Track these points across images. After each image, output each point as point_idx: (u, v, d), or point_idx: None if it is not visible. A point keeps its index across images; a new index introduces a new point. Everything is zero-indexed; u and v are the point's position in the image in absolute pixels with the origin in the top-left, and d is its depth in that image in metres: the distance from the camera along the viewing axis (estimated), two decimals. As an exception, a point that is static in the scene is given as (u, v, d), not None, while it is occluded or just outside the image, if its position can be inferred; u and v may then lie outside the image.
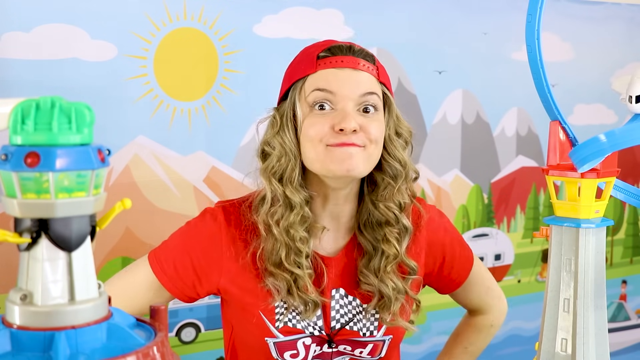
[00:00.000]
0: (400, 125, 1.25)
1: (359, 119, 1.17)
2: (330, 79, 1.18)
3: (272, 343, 1.24)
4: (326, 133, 1.17)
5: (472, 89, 2.19)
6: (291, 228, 1.20)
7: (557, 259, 1.12)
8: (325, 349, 1.26)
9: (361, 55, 1.22)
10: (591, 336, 1.10)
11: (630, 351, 2.64)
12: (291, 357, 1.25)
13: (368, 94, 1.19)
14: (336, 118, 1.17)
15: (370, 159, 1.20)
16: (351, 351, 1.28)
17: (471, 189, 2.26)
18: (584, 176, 1.10)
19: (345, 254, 1.28)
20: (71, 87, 1.61)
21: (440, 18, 2.09)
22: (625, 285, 2.64)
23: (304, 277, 1.20)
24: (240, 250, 1.24)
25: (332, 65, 1.19)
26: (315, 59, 1.20)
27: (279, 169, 1.20)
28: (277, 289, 1.21)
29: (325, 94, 1.18)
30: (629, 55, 2.41)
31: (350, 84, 1.18)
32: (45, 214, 0.61)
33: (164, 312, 0.70)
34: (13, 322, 0.62)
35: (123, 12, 1.67)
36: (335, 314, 1.26)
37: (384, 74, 1.25)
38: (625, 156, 1.32)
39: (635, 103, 1.10)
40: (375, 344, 1.28)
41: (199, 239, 1.26)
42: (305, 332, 1.24)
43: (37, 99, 0.62)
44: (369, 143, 1.18)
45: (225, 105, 1.80)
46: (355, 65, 1.19)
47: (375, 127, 1.19)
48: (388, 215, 1.24)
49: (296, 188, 1.20)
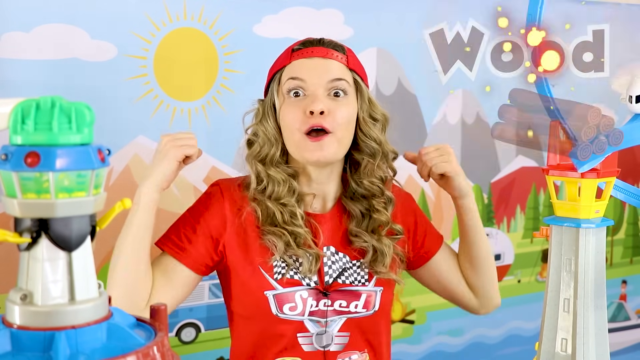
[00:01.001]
0: (375, 110, 1.37)
1: (328, 103, 1.30)
2: (302, 67, 1.32)
3: (271, 296, 1.31)
4: (300, 118, 1.30)
5: (472, 89, 2.19)
6: (282, 199, 1.32)
7: (557, 259, 1.12)
8: (321, 307, 1.33)
9: (330, 45, 1.36)
10: (591, 336, 1.10)
11: (630, 351, 2.64)
12: (290, 310, 1.32)
13: (336, 79, 1.31)
14: (306, 104, 1.29)
15: (342, 142, 1.32)
16: (346, 307, 1.35)
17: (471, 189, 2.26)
18: (584, 176, 1.10)
19: (332, 215, 1.40)
20: (71, 87, 1.61)
21: (441, 18, 2.09)
22: (625, 285, 2.64)
23: (303, 233, 1.31)
24: (239, 208, 1.35)
25: (304, 55, 1.33)
26: (290, 52, 1.35)
27: (261, 153, 1.34)
28: (275, 246, 1.31)
29: (298, 82, 1.31)
30: (629, 55, 2.41)
31: (319, 71, 1.32)
32: (45, 213, 0.61)
33: (164, 312, 0.70)
34: (13, 322, 0.62)
35: (123, 12, 1.67)
36: (328, 269, 1.35)
37: (355, 61, 1.38)
38: (625, 156, 1.31)
39: (635, 103, 1.10)
40: (368, 294, 1.36)
41: (203, 205, 1.37)
42: (302, 284, 1.32)
43: (37, 99, 0.62)
44: (337, 127, 1.30)
45: (225, 105, 1.80)
46: (324, 54, 1.33)
47: (344, 110, 1.31)
48: (373, 189, 1.37)
49: (277, 166, 1.34)
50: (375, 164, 1.36)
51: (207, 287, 1.85)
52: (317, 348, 1.33)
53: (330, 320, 1.34)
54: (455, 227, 2.25)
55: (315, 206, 1.40)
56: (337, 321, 1.34)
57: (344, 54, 1.36)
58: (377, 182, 1.37)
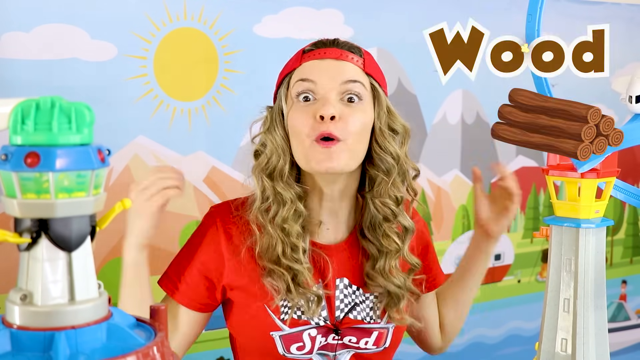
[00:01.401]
0: (394, 120, 1.24)
1: (340, 108, 1.17)
2: (313, 69, 1.19)
3: (277, 337, 1.24)
4: (309, 124, 1.17)
5: (472, 89, 2.19)
6: (285, 223, 1.20)
7: (557, 259, 1.12)
8: (330, 340, 1.26)
9: (345, 47, 1.23)
10: (591, 336, 1.10)
11: (630, 351, 2.64)
12: (297, 350, 1.24)
13: (350, 81, 1.18)
14: (317, 106, 1.17)
15: (354, 153, 1.19)
16: (356, 342, 1.27)
17: (471, 189, 2.26)
18: (584, 176, 1.10)
19: (347, 245, 1.28)
20: (71, 87, 1.61)
21: (440, 18, 2.09)
22: (625, 285, 2.64)
23: (303, 271, 1.20)
24: (239, 247, 1.24)
25: (315, 57, 1.21)
26: (301, 54, 1.23)
27: (269, 165, 1.21)
28: (276, 289, 1.21)
29: (308, 84, 1.19)
30: (629, 55, 2.41)
31: (332, 72, 1.19)
32: (45, 214, 0.61)
33: (164, 312, 0.70)
34: (13, 322, 0.62)
35: (123, 12, 1.67)
36: (340, 303, 1.26)
37: (372, 65, 1.25)
38: (625, 156, 1.32)
39: (635, 103, 1.10)
40: (379, 332, 1.28)
41: (201, 244, 1.27)
42: (311, 323, 1.24)
43: (37, 99, 0.62)
44: (349, 136, 1.17)
45: (225, 105, 1.80)
46: (338, 56, 1.20)
47: (357, 118, 1.18)
48: (385, 212, 1.23)
49: (287, 183, 1.20)
50: (390, 182, 1.21)
51: (207, 287, 1.85)
52: None
53: (339, 353, 1.28)
54: (455, 227, 2.25)
55: (328, 234, 1.28)
56: (345, 355, 1.28)
57: (361, 56, 1.23)
58: (390, 204, 1.22)
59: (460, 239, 2.24)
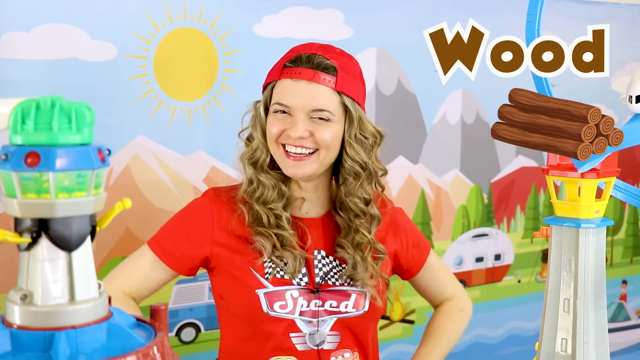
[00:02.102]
0: (363, 130, 1.36)
1: (309, 126, 1.32)
2: (288, 91, 1.33)
3: (262, 294, 1.34)
4: (281, 133, 1.33)
5: (472, 89, 2.19)
6: (269, 204, 1.36)
7: (557, 259, 1.12)
8: (312, 307, 1.36)
9: (320, 67, 1.33)
10: (591, 336, 1.10)
11: (630, 351, 2.64)
12: (280, 308, 1.34)
13: (317, 110, 1.32)
14: (289, 124, 1.33)
15: (323, 161, 1.35)
16: (337, 306, 1.37)
17: (471, 189, 2.26)
18: (584, 176, 1.10)
19: (323, 221, 1.43)
20: (71, 87, 1.61)
21: (440, 18, 2.09)
22: (625, 285, 2.64)
23: (288, 236, 1.35)
24: (228, 217, 1.38)
25: (292, 75, 1.33)
26: (282, 67, 1.35)
27: (254, 156, 1.38)
28: (264, 247, 1.34)
29: (283, 107, 1.33)
30: (629, 55, 2.41)
31: (304, 97, 1.32)
32: (45, 213, 0.61)
33: (164, 312, 0.70)
34: (13, 322, 0.62)
35: (123, 12, 1.67)
36: (319, 271, 1.38)
37: (347, 82, 1.35)
38: (625, 156, 1.32)
39: (635, 103, 1.10)
40: (357, 294, 1.39)
41: (192, 214, 1.40)
42: (293, 283, 1.35)
43: (37, 99, 0.62)
44: (320, 147, 1.33)
45: (225, 105, 1.80)
46: (310, 78, 1.32)
47: (325, 133, 1.32)
48: (355, 208, 1.38)
49: (267, 172, 1.37)
50: (357, 185, 1.37)
51: (207, 287, 1.85)
52: (311, 347, 1.36)
53: (322, 320, 1.37)
54: (455, 227, 2.25)
55: (308, 210, 1.43)
56: (328, 321, 1.37)
57: (334, 75, 1.33)
58: (359, 203, 1.38)
59: (460, 239, 2.25)
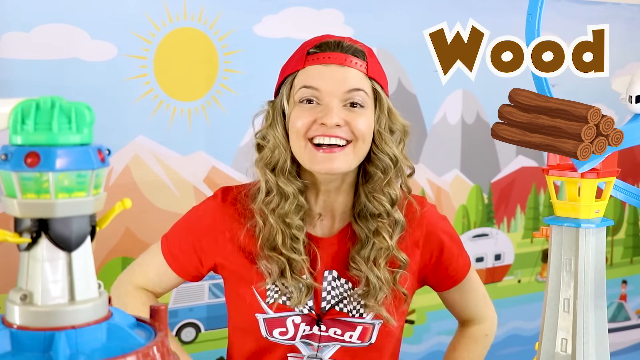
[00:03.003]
0: (394, 121, 1.27)
1: (344, 114, 1.20)
2: (316, 75, 1.21)
3: (261, 319, 1.27)
4: (310, 126, 1.20)
5: (472, 89, 2.19)
6: (287, 217, 1.24)
7: (557, 259, 1.12)
8: (315, 331, 1.28)
9: (349, 51, 1.23)
10: (591, 336, 1.10)
11: (630, 351, 2.64)
12: (280, 334, 1.27)
13: (353, 90, 1.21)
14: (320, 112, 1.20)
15: (357, 154, 1.23)
16: (341, 335, 1.28)
17: (471, 189, 2.26)
18: (584, 176, 1.10)
19: (339, 238, 1.30)
20: (71, 87, 1.61)
21: (440, 18, 2.09)
22: (625, 285, 2.64)
23: (300, 261, 1.24)
24: (236, 230, 1.29)
25: (319, 61, 1.22)
26: (305, 55, 1.24)
27: (272, 160, 1.24)
28: (269, 272, 1.25)
29: (312, 91, 1.21)
30: (629, 55, 2.41)
31: (336, 80, 1.21)
32: (45, 214, 0.61)
33: (164, 312, 0.70)
34: (13, 322, 0.62)
35: (123, 12, 1.67)
36: (327, 295, 1.28)
37: (376, 69, 1.26)
38: (625, 156, 1.32)
39: (635, 103, 1.10)
40: (364, 327, 1.29)
41: (200, 220, 1.33)
42: (295, 310, 1.27)
43: (37, 99, 0.62)
44: (355, 139, 1.21)
45: (225, 105, 1.80)
46: (342, 62, 1.22)
47: (361, 122, 1.21)
48: (379, 208, 1.26)
49: (288, 178, 1.24)
50: (385, 180, 1.25)
51: (207, 287, 1.85)
52: None
53: (323, 345, 1.29)
54: (455, 227, 2.23)
55: (323, 227, 1.31)
56: (331, 347, 1.29)
57: (364, 60, 1.24)
58: (384, 201, 1.26)
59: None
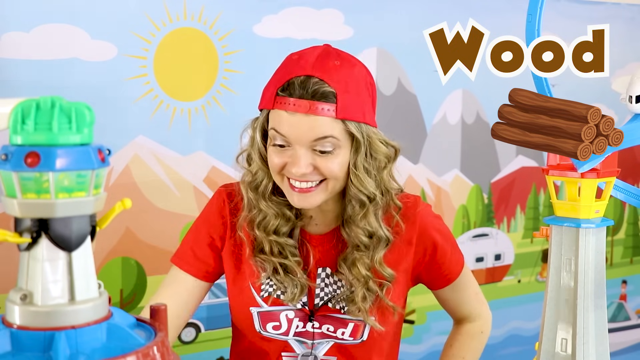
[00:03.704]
0: (375, 151, 1.23)
1: (312, 159, 1.19)
2: (284, 121, 1.18)
3: (255, 313, 1.29)
4: (283, 166, 1.21)
5: (472, 89, 2.19)
6: (271, 233, 1.26)
7: (557, 259, 1.12)
8: (308, 328, 1.29)
9: (316, 96, 1.17)
10: (591, 336, 1.10)
11: (630, 351, 2.64)
12: (273, 329, 1.29)
13: (320, 138, 1.18)
14: (289, 158, 1.20)
15: (332, 190, 1.23)
16: (333, 332, 1.29)
17: (471, 189, 2.26)
18: (584, 176, 1.10)
19: (332, 236, 1.31)
20: (71, 87, 1.61)
21: (440, 18, 2.09)
22: (625, 285, 2.64)
23: (292, 265, 1.27)
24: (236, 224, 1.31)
25: (285, 107, 1.18)
26: (275, 94, 1.20)
27: (254, 179, 1.26)
28: (263, 268, 1.28)
29: (281, 137, 1.19)
30: (629, 55, 2.41)
31: (301, 130, 1.17)
32: (45, 213, 0.61)
33: (164, 312, 0.70)
34: (13, 322, 0.62)
35: (123, 12, 1.67)
36: (320, 292, 1.30)
37: (350, 105, 1.19)
38: (625, 156, 1.32)
39: (635, 103, 1.10)
40: (355, 324, 1.29)
41: (208, 216, 1.35)
42: (289, 305, 1.28)
43: (37, 99, 0.62)
44: (327, 179, 1.21)
45: (225, 105, 1.80)
46: (306, 110, 1.17)
47: (330, 166, 1.20)
48: (356, 241, 1.26)
49: (270, 199, 1.26)
50: (361, 214, 1.25)
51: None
52: None
53: (317, 342, 1.30)
54: (455, 227, 2.25)
55: (318, 224, 1.32)
56: (324, 344, 1.30)
57: (334, 102, 1.17)
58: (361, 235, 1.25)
59: (460, 239, 2.24)
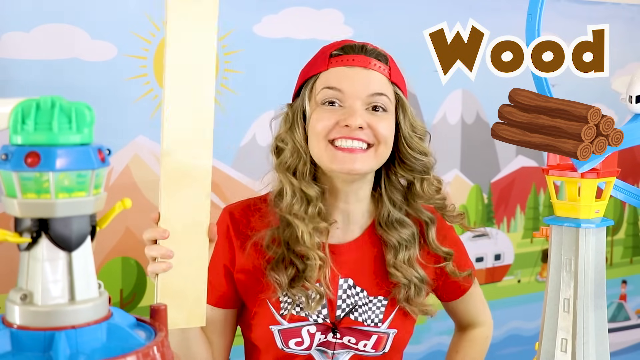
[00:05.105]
0: (415, 125, 1.27)
1: (367, 117, 1.20)
2: (340, 77, 1.20)
3: (276, 331, 1.26)
4: (332, 128, 1.19)
5: (472, 89, 2.19)
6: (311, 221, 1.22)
7: (557, 259, 1.12)
8: (329, 338, 1.27)
9: (373, 54, 1.24)
10: (591, 336, 1.10)
11: (630, 351, 2.64)
12: (296, 345, 1.26)
13: (377, 94, 1.21)
14: (343, 114, 1.19)
15: (378, 158, 1.22)
16: (355, 344, 1.28)
17: (471, 189, 2.26)
18: (584, 176, 1.10)
19: (356, 246, 1.30)
20: (71, 87, 1.61)
21: (440, 18, 2.09)
22: (625, 285, 2.64)
23: (313, 266, 1.22)
24: (245, 242, 1.27)
25: (343, 63, 1.21)
26: (328, 57, 1.23)
27: (292, 164, 1.23)
28: (279, 283, 1.23)
29: (335, 92, 1.20)
30: (629, 55, 2.41)
31: (360, 82, 1.20)
32: (45, 213, 0.61)
33: (164, 312, 0.70)
34: (13, 322, 0.62)
35: (123, 12, 1.67)
36: (342, 303, 1.27)
37: (397, 74, 1.27)
38: (625, 156, 1.32)
39: (635, 103, 1.10)
40: (379, 336, 1.28)
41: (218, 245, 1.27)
42: (309, 320, 1.25)
43: (37, 99, 0.62)
44: (377, 142, 1.21)
45: (225, 105, 1.80)
46: (366, 64, 1.22)
47: (383, 126, 1.21)
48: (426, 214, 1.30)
49: (309, 182, 1.23)
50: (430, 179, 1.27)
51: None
52: None
53: (338, 352, 1.29)
54: (455, 227, 2.24)
55: (337, 233, 1.30)
56: (345, 355, 1.29)
57: (387, 64, 1.25)
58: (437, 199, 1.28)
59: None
